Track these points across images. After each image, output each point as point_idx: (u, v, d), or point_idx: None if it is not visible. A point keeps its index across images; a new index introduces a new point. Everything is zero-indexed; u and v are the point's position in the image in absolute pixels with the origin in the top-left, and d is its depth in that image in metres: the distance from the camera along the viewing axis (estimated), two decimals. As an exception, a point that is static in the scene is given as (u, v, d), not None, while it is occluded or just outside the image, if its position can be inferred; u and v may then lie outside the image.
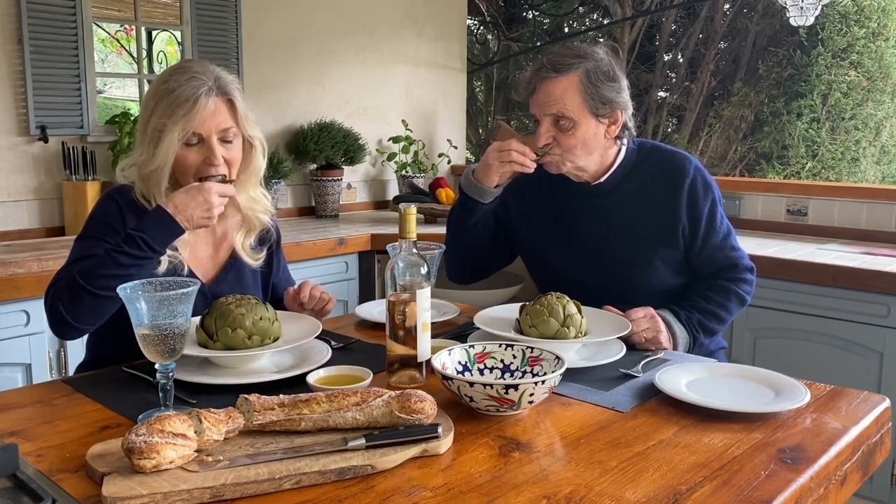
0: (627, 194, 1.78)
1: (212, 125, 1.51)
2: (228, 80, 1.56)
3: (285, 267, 1.83)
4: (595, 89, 1.68)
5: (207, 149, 1.52)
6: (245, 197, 1.66)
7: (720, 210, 1.78)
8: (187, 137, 1.50)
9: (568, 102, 1.68)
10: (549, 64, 1.70)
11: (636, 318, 1.58)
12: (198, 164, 1.53)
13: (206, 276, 1.63)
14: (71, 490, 0.95)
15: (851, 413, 1.24)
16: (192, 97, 1.48)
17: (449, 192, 3.49)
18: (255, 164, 1.63)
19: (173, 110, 1.49)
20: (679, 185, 1.75)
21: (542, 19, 7.28)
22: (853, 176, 6.99)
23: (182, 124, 1.49)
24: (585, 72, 1.69)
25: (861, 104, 6.93)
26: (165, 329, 1.13)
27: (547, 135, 1.71)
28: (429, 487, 0.97)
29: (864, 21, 6.88)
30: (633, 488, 0.98)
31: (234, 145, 1.56)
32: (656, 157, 1.81)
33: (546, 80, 1.70)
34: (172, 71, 1.55)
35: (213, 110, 1.51)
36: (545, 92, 1.70)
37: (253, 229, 1.69)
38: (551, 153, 1.72)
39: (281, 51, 3.53)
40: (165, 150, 1.50)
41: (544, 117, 1.71)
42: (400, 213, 1.33)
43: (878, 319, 2.39)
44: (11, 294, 2.18)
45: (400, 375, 1.33)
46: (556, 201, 1.85)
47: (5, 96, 2.74)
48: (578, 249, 1.81)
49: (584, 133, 1.70)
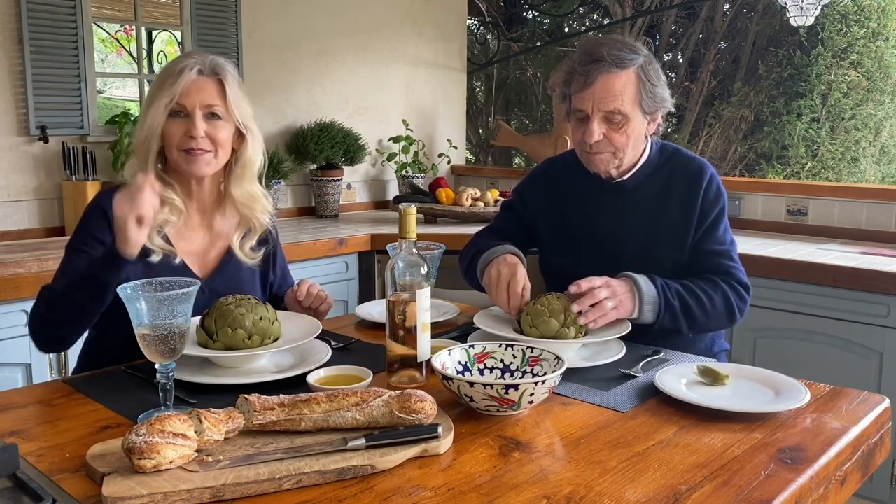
0: (646, 193, 1.77)
1: (196, 98, 1.55)
2: (222, 63, 1.60)
3: (283, 266, 1.83)
4: (651, 87, 1.67)
5: (190, 122, 1.55)
6: (241, 191, 1.64)
7: (726, 221, 1.77)
8: (172, 107, 1.54)
9: (626, 98, 1.65)
10: (609, 58, 1.64)
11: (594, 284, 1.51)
12: (180, 134, 1.55)
13: (201, 271, 1.63)
14: (71, 490, 0.95)
15: (851, 413, 1.24)
16: (178, 70, 1.55)
17: (449, 192, 3.49)
18: (247, 155, 1.63)
19: (162, 81, 1.56)
20: (697, 190, 1.74)
21: (542, 19, 7.27)
22: (853, 176, 6.98)
23: (168, 93, 1.53)
24: (642, 68, 1.66)
25: (861, 104, 6.92)
26: (165, 329, 1.13)
27: (599, 131, 1.67)
28: (429, 487, 0.97)
29: (864, 21, 6.87)
30: (633, 488, 0.98)
31: (221, 126, 1.57)
32: (678, 160, 1.80)
33: (606, 75, 1.64)
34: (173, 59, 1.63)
35: (200, 86, 1.55)
36: (604, 87, 1.64)
37: (253, 231, 1.69)
38: (603, 150, 1.69)
39: (281, 51, 3.53)
40: (152, 119, 1.54)
41: (597, 112, 1.66)
42: (400, 213, 1.33)
43: (878, 319, 2.39)
44: (11, 294, 2.18)
45: (400, 375, 1.33)
46: (574, 195, 1.84)
47: (5, 96, 2.74)
48: (591, 245, 1.80)
49: (634, 130, 1.69)
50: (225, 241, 1.67)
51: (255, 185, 1.67)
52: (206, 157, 1.56)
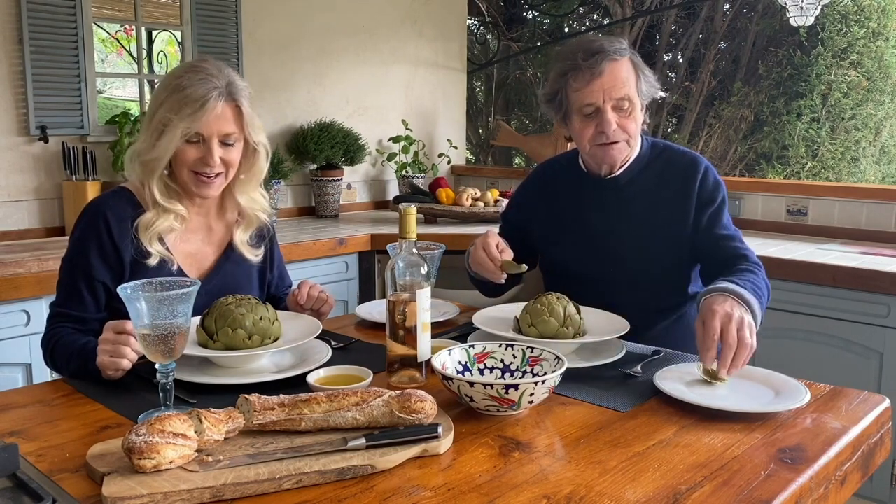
0: (640, 188, 1.78)
1: (215, 128, 1.52)
2: (240, 86, 1.56)
3: (280, 265, 1.83)
4: (644, 74, 1.71)
5: (206, 149, 1.53)
6: (245, 198, 1.67)
7: (727, 210, 1.78)
8: (189, 136, 1.52)
9: (630, 84, 1.68)
10: (609, 48, 1.67)
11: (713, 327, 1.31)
12: (194, 159, 1.54)
13: (199, 272, 1.63)
14: (71, 490, 0.95)
15: (851, 413, 1.24)
16: (201, 98, 1.50)
17: (449, 192, 3.49)
18: (258, 167, 1.64)
19: (181, 107, 1.50)
20: (691, 181, 1.75)
21: (542, 19, 7.27)
22: (853, 176, 6.98)
23: (187, 122, 1.50)
24: (633, 57, 1.71)
25: (861, 104, 6.92)
26: (165, 329, 1.13)
27: (614, 120, 1.68)
28: (429, 487, 0.97)
29: (864, 21, 6.87)
30: (633, 488, 0.98)
31: (234, 148, 1.58)
32: (669, 154, 1.81)
33: (613, 63, 1.67)
34: (187, 68, 1.56)
35: (220, 114, 1.52)
36: (612, 75, 1.66)
37: (251, 224, 1.70)
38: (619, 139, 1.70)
39: (281, 51, 3.53)
40: (166, 144, 1.52)
41: (608, 101, 1.67)
42: (400, 213, 1.33)
43: (878, 319, 2.39)
44: (11, 294, 2.18)
45: (400, 375, 1.33)
46: (568, 195, 1.85)
47: (5, 96, 2.74)
48: (587, 241, 1.80)
49: (638, 116, 1.72)
50: (222, 242, 1.68)
51: (259, 190, 1.70)
52: (218, 180, 1.57)
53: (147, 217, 1.55)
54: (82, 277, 1.51)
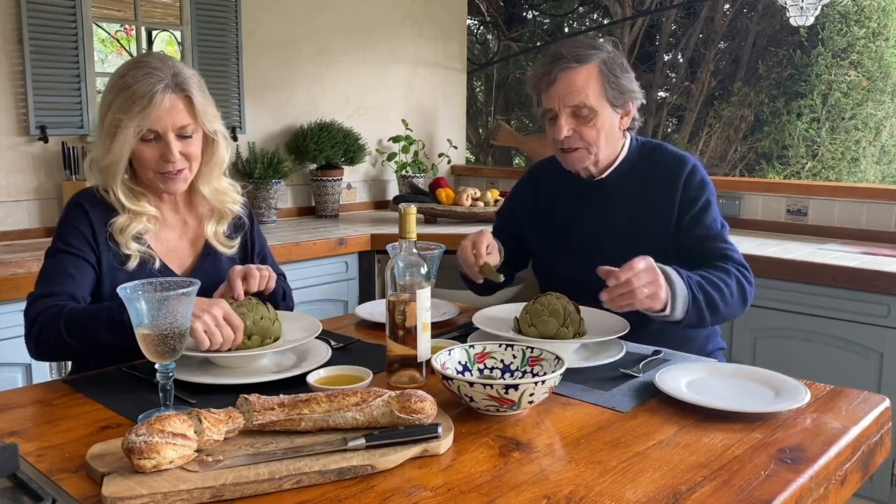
0: (628, 189, 1.78)
1: (168, 122, 1.50)
2: (187, 75, 1.52)
3: (262, 249, 1.79)
4: (615, 79, 1.70)
5: (164, 145, 1.51)
6: (209, 189, 1.65)
7: (714, 208, 1.76)
8: (143, 133, 1.49)
9: (590, 92, 1.68)
10: (568, 55, 1.68)
11: (637, 269, 1.43)
12: (155, 158, 1.52)
13: (181, 268, 1.63)
14: (71, 490, 0.95)
15: (851, 413, 1.24)
16: (147, 93, 1.46)
17: (449, 192, 3.49)
18: (218, 157, 1.62)
19: (129, 106, 1.47)
20: (675, 182, 1.75)
21: (542, 19, 7.28)
22: (853, 176, 6.99)
23: (137, 121, 1.47)
24: (603, 62, 1.70)
25: (861, 104, 6.92)
26: (165, 329, 1.13)
27: (567, 127, 1.70)
28: (429, 487, 0.97)
29: (864, 21, 6.87)
30: (633, 488, 0.98)
31: (193, 140, 1.55)
32: (657, 155, 1.81)
33: (567, 71, 1.68)
34: (130, 65, 1.52)
35: (170, 107, 1.49)
36: (566, 82, 1.68)
37: (224, 217, 1.69)
38: (575, 146, 1.72)
39: (281, 51, 3.53)
40: (121, 146, 1.49)
41: (563, 108, 1.70)
42: (400, 213, 1.33)
43: (878, 319, 2.39)
44: (11, 294, 2.18)
45: (400, 375, 1.33)
46: (558, 196, 1.86)
47: (5, 96, 2.74)
48: (576, 244, 1.81)
49: (604, 123, 1.71)
50: (198, 237, 1.67)
51: (223, 180, 1.67)
52: (183, 174, 1.55)
53: (120, 221, 1.54)
54: (70, 260, 1.50)
